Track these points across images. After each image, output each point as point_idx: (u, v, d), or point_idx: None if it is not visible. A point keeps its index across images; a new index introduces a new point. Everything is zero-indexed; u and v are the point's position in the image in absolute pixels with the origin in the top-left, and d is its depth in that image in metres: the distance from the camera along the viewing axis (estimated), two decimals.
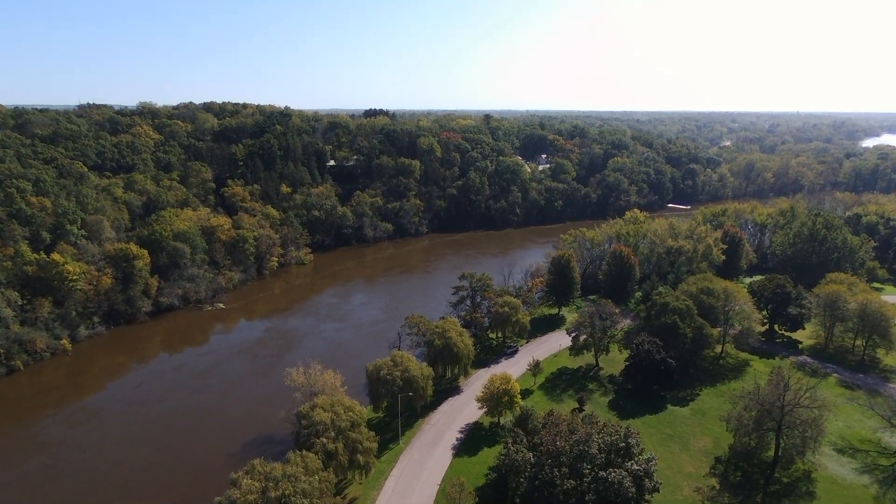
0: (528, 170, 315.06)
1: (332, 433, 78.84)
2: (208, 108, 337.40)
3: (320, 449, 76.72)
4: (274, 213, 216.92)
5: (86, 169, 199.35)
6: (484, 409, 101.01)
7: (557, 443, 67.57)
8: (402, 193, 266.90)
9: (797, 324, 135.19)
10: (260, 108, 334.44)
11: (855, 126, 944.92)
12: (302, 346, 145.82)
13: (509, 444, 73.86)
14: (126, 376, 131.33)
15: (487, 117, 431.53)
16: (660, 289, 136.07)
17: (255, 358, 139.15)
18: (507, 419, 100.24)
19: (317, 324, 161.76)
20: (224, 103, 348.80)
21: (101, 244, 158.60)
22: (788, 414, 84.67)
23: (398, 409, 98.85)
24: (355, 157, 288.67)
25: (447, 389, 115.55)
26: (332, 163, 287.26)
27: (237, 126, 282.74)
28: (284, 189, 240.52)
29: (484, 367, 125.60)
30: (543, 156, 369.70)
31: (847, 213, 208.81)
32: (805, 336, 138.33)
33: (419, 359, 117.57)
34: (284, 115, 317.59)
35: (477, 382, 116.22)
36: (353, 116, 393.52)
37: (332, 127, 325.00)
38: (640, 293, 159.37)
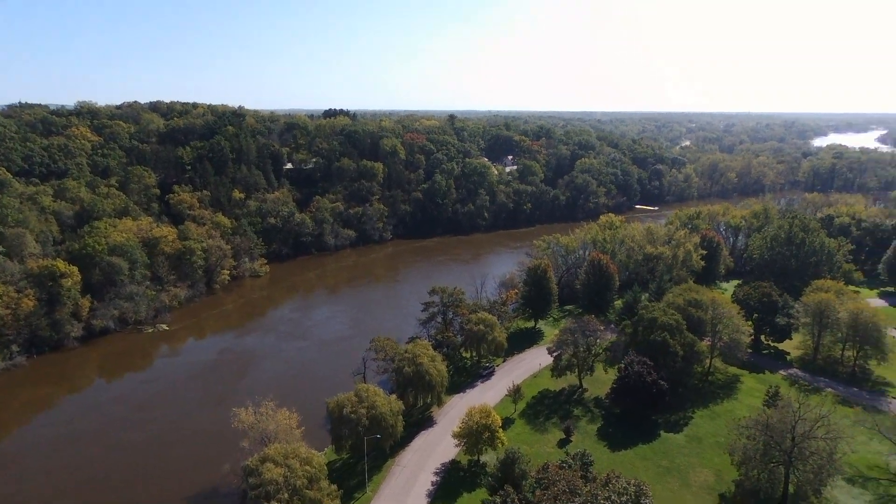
0: (496, 172, 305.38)
1: (286, 494, 66.19)
2: (155, 107, 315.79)
3: None
4: (225, 221, 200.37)
5: (10, 175, 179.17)
6: (461, 446, 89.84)
7: None
8: (365, 198, 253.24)
9: (785, 334, 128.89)
10: (211, 108, 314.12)
11: (804, 126, 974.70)
12: (260, 369, 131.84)
13: None
14: (52, 413, 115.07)
15: (452, 117, 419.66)
16: (644, 301, 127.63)
17: (205, 385, 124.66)
18: (488, 456, 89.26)
19: (276, 343, 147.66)
20: (172, 103, 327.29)
21: (22, 261, 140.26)
22: (798, 445, 76.34)
23: (364, 450, 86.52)
24: (314, 159, 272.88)
25: (419, 421, 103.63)
26: (289, 166, 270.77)
27: (185, 127, 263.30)
28: (237, 195, 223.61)
29: (458, 391, 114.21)
30: (510, 157, 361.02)
31: (819, 215, 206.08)
32: (792, 347, 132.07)
33: (386, 386, 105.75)
34: (237, 115, 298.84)
35: (452, 412, 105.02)
36: (311, 117, 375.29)
37: (290, 128, 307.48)
38: (620, 302, 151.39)
